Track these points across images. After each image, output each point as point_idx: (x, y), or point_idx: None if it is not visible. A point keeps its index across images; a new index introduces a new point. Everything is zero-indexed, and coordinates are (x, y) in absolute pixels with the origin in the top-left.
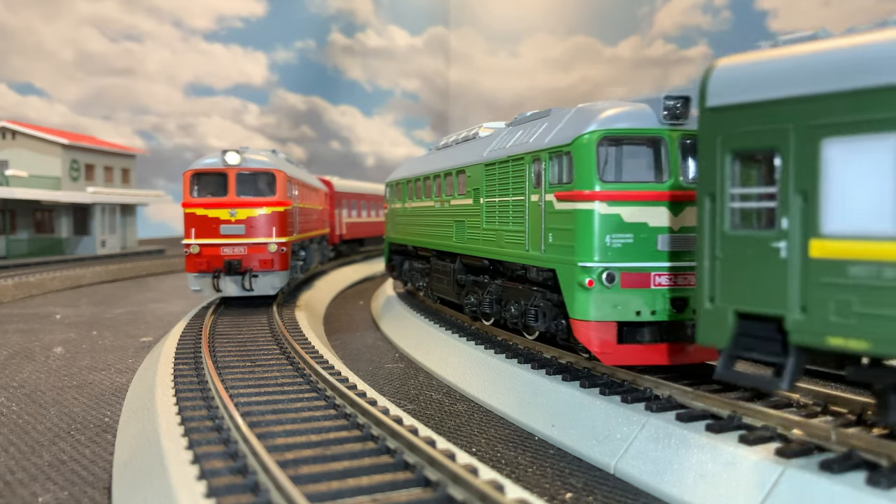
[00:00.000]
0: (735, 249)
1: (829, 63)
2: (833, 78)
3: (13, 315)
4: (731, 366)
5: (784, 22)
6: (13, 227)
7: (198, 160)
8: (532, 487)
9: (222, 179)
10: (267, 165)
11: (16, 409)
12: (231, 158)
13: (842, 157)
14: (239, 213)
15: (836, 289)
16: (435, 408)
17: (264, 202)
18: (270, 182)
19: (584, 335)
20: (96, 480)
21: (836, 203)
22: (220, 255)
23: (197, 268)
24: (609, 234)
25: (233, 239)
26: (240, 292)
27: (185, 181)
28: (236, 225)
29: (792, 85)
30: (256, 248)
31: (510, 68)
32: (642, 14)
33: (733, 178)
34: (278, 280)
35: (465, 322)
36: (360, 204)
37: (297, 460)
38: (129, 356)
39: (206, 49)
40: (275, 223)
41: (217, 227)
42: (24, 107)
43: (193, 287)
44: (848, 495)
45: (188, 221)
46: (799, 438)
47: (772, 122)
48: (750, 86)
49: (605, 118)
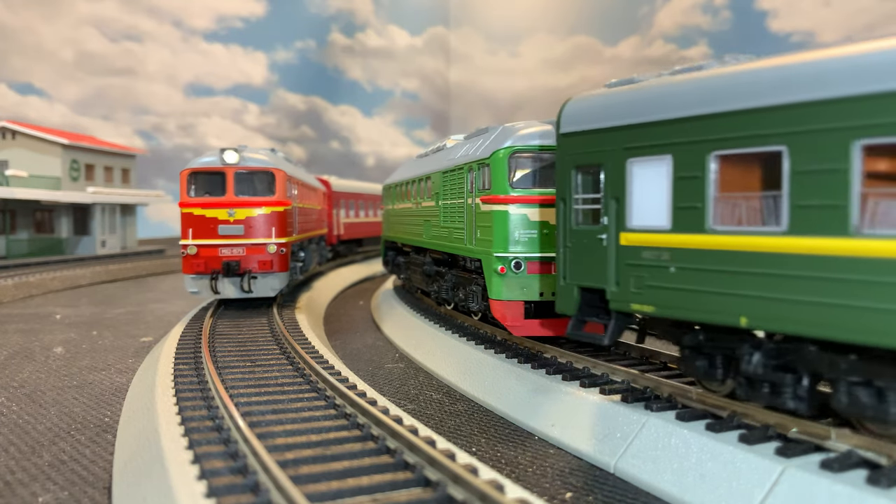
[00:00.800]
0: (578, 240)
1: (631, 103)
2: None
3: (13, 315)
4: (580, 328)
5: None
6: (13, 227)
7: (195, 158)
8: (532, 487)
9: (220, 179)
10: (266, 164)
11: (16, 409)
12: (229, 157)
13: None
14: (237, 213)
15: (635, 268)
16: (435, 407)
17: (263, 202)
18: (270, 181)
19: (499, 312)
20: (96, 480)
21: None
22: (219, 256)
23: (194, 269)
24: (518, 230)
25: (231, 239)
26: (238, 294)
27: (182, 180)
28: (235, 225)
29: (610, 118)
30: (255, 248)
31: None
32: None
33: (577, 187)
34: (278, 282)
35: (465, 322)
36: (359, 204)
37: (298, 460)
38: (130, 356)
39: (206, 49)
40: (274, 223)
41: (215, 227)
42: (24, 107)
43: (190, 289)
44: (848, 494)
45: (185, 221)
46: (798, 437)
47: (598, 145)
48: (585, 118)
49: (517, 136)
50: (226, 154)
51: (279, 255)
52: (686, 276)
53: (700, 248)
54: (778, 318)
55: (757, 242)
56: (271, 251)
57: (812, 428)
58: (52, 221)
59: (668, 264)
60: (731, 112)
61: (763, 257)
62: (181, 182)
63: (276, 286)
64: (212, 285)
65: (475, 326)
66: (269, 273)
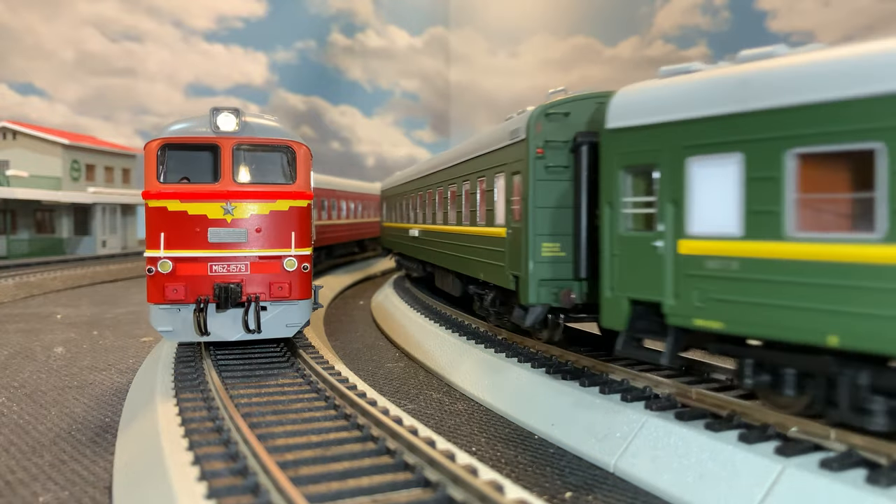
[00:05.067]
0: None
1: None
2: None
3: (14, 315)
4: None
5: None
6: (14, 227)
7: (169, 125)
8: (532, 487)
9: (210, 156)
10: (282, 135)
11: (16, 409)
12: (225, 122)
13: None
14: (239, 209)
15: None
16: (435, 407)
17: (279, 192)
18: (288, 161)
19: None
20: (97, 481)
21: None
22: (208, 276)
23: (167, 296)
24: None
25: (229, 250)
26: (239, 335)
27: (147, 158)
28: (234, 229)
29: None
30: (266, 264)
31: (510, 68)
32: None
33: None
34: (298, 315)
35: (465, 322)
36: (331, 203)
37: (298, 461)
38: (130, 356)
39: (207, 49)
40: (295, 226)
41: (203, 230)
42: (24, 107)
43: (160, 326)
44: (847, 494)
45: (154, 221)
46: (798, 437)
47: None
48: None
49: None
50: (220, 117)
51: (301, 273)
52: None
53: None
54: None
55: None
56: (290, 268)
57: (811, 427)
58: (52, 221)
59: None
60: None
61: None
62: (147, 160)
63: (295, 321)
64: (197, 322)
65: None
66: (286, 302)
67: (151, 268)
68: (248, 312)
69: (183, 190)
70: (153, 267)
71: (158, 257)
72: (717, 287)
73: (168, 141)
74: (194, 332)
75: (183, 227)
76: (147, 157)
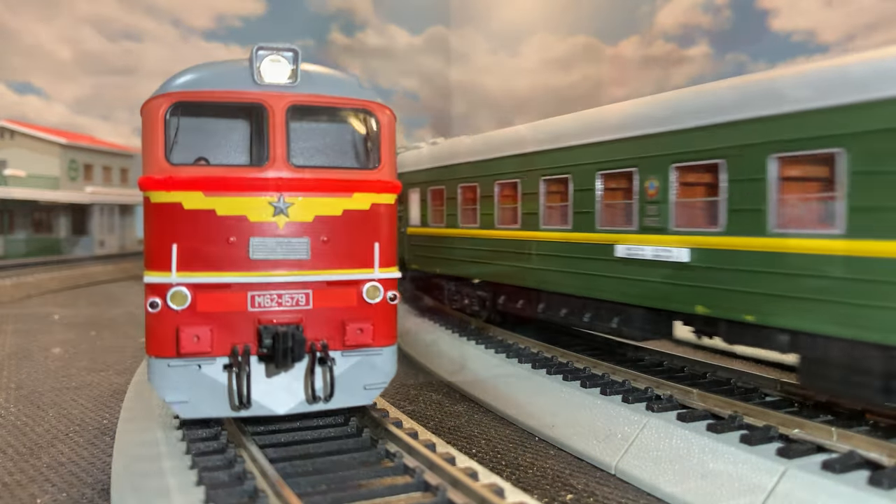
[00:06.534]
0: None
1: None
2: None
3: (11, 315)
4: None
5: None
6: (11, 226)
7: (179, 73)
8: (532, 489)
9: (247, 123)
10: (361, 93)
11: (14, 410)
12: (275, 70)
13: None
14: (298, 206)
15: None
16: (435, 408)
17: (358, 181)
18: (371, 133)
19: None
20: (95, 482)
21: None
22: (248, 313)
23: (184, 347)
24: None
25: (281, 271)
26: (299, 405)
27: (149, 125)
28: (290, 238)
29: None
30: (337, 292)
31: (511, 68)
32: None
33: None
34: (383, 369)
35: (466, 321)
36: None
37: (295, 464)
38: (128, 357)
39: (206, 48)
40: (380, 234)
41: (241, 240)
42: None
43: (170, 395)
44: (849, 495)
45: (159, 226)
46: (800, 438)
47: None
48: None
49: None
50: (266, 63)
51: (387, 306)
52: None
53: None
54: None
55: None
56: (372, 299)
57: (813, 429)
58: (50, 221)
59: None
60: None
61: None
62: (147, 129)
63: (378, 380)
64: (234, 385)
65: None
66: (365, 351)
67: (156, 301)
68: (312, 371)
69: (208, 175)
70: (158, 299)
71: (167, 284)
72: None
73: (183, 98)
74: (226, 403)
75: (208, 236)
76: (148, 125)
